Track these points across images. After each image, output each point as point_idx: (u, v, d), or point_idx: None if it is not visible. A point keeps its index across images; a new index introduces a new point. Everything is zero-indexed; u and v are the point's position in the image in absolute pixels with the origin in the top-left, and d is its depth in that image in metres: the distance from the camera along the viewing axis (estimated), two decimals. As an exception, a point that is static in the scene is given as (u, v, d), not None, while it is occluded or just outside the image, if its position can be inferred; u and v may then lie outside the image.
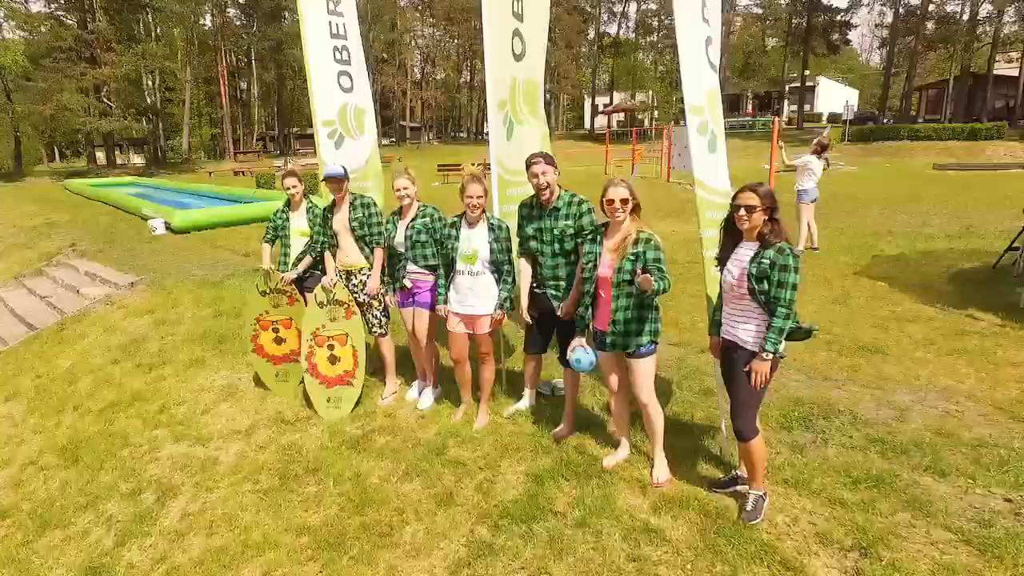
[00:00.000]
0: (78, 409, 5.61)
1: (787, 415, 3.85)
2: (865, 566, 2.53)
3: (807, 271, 7.58)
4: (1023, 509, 2.77)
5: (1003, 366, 4.44)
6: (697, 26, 3.60)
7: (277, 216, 5.01)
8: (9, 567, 3.80)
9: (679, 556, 2.77)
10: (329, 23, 5.73)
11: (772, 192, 2.85)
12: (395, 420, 4.38)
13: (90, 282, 9.78)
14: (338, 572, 3.12)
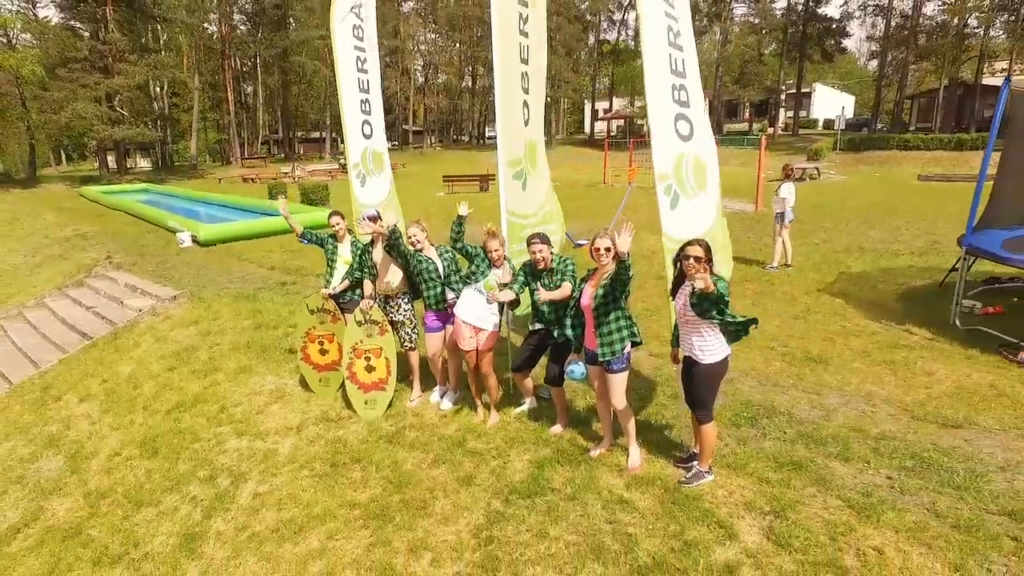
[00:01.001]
0: (147, 409, 6.58)
1: (738, 414, 4.82)
2: (776, 524, 3.49)
3: (781, 290, 8.57)
4: (896, 484, 3.73)
5: (919, 375, 5.41)
6: (668, 106, 4.55)
7: (326, 245, 5.98)
8: (117, 536, 4.77)
9: (644, 520, 3.74)
10: (358, 81, 6.71)
11: (709, 245, 3.81)
12: (422, 419, 5.35)
13: (131, 293, 10.74)
14: (385, 536, 4.08)
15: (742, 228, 13.37)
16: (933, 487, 3.68)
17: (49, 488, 5.64)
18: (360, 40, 6.66)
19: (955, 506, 3.48)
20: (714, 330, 3.72)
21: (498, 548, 3.75)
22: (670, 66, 4.48)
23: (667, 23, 4.50)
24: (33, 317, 11.01)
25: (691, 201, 4.46)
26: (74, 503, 5.34)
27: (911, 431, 4.40)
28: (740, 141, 41.15)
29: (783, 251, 9.74)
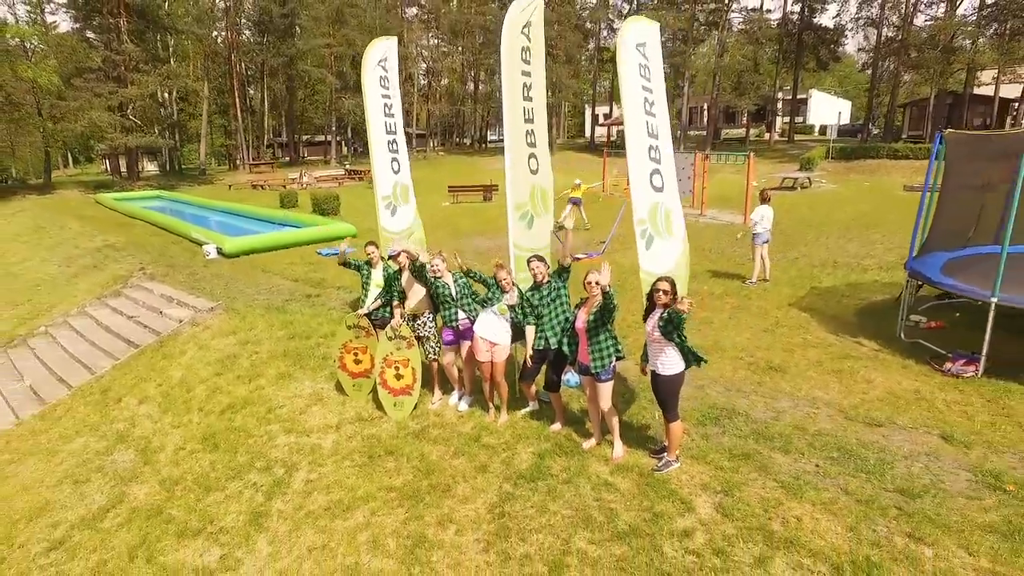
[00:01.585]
0: (202, 410, 7.62)
1: (704, 415, 5.84)
2: (724, 500, 4.52)
3: (756, 304, 9.59)
4: (821, 470, 4.76)
5: (860, 382, 6.43)
6: (645, 163, 5.57)
7: (362, 269, 7.00)
8: (194, 514, 5.80)
9: (623, 498, 4.77)
10: (385, 124, 7.75)
11: (675, 281, 4.84)
12: (443, 418, 6.38)
13: (168, 304, 11.77)
14: (418, 513, 5.11)
15: (728, 241, 14.37)
16: (849, 472, 4.71)
17: (127, 476, 6.68)
18: (386, 89, 7.70)
19: (862, 486, 4.51)
20: (674, 349, 4.74)
21: (508, 520, 4.78)
22: (647, 130, 5.52)
23: (644, 95, 5.54)
24: (78, 325, 12.05)
25: (663, 242, 5.48)
26: (151, 489, 6.38)
27: (842, 429, 5.43)
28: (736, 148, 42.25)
29: (761, 267, 10.74)
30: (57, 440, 7.96)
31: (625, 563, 4.18)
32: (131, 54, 35.72)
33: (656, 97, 5.62)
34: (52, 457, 7.56)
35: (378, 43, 7.87)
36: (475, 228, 17.93)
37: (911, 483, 4.51)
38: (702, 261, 12.63)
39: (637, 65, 5.50)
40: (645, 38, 5.69)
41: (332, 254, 14.58)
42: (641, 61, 5.54)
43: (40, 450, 7.85)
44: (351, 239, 6.98)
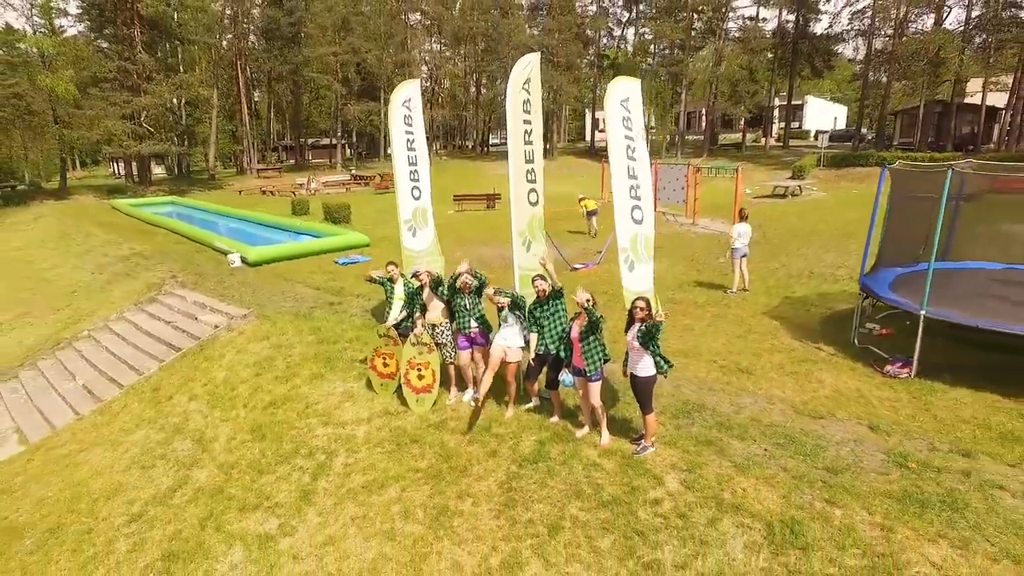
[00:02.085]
0: (247, 406, 8.75)
1: (679, 409, 6.97)
2: (687, 476, 5.64)
3: (733, 313, 10.72)
4: (768, 453, 5.88)
5: (812, 383, 7.56)
6: (627, 200, 6.69)
7: (385, 285, 8.14)
8: (251, 492, 6.93)
9: (608, 475, 5.90)
10: (407, 157, 8.89)
11: (650, 300, 5.96)
12: (458, 412, 7.51)
13: (201, 310, 12.90)
14: (440, 489, 6.24)
15: (716, 252, 15.42)
16: (789, 454, 5.84)
17: (188, 462, 7.82)
18: (409, 126, 8.84)
19: (798, 465, 5.64)
20: (649, 356, 5.87)
21: (515, 494, 5.92)
22: (628, 172, 6.65)
23: (626, 143, 6.68)
24: (119, 329, 13.21)
25: (642, 266, 6.61)
26: (211, 472, 7.52)
27: (790, 421, 6.56)
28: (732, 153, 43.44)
29: (740, 278, 11.85)
30: (119, 432, 9.11)
31: (608, 524, 5.32)
32: (145, 64, 36.93)
33: (637, 143, 6.74)
34: (117, 447, 8.71)
35: (404, 86, 9.02)
36: (479, 237, 19.02)
37: (837, 463, 5.63)
38: (689, 272, 13.77)
39: (621, 118, 6.64)
40: (628, 94, 6.82)
41: (349, 263, 15.73)
42: (624, 115, 6.67)
43: (105, 441, 9.01)
44: (378, 271, 8.12)
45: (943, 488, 5.13)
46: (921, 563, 4.34)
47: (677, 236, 18.89)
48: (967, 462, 5.57)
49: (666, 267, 14.28)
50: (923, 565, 4.32)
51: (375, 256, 16.65)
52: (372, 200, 31.52)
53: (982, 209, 9.83)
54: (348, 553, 5.77)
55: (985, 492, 5.05)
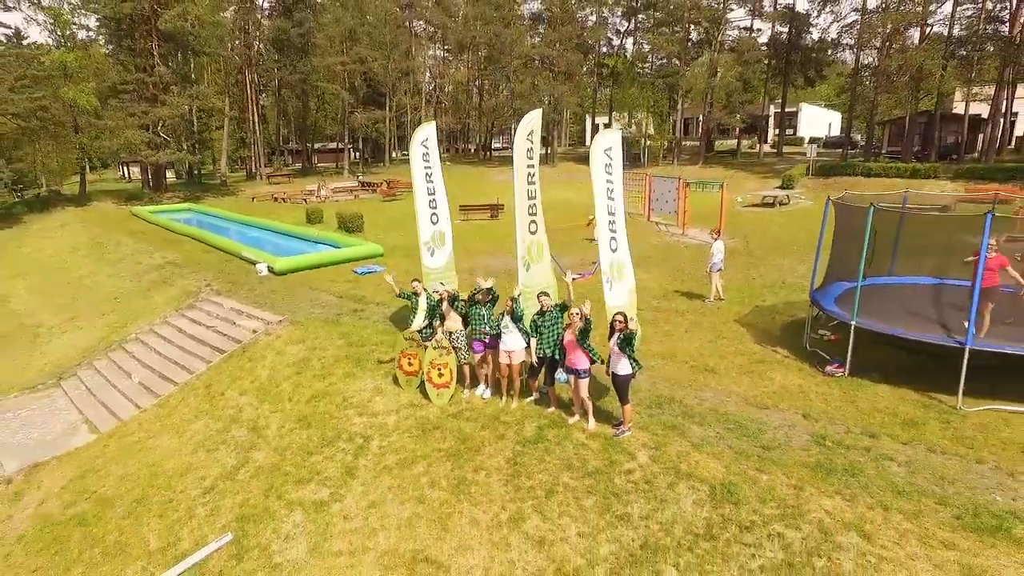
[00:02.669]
0: (291, 400, 10.32)
1: (652, 402, 8.53)
2: (653, 453, 7.21)
3: (708, 320, 12.26)
4: (720, 436, 7.44)
5: (764, 380, 9.12)
6: (607, 231, 8.24)
7: (410, 298, 9.71)
8: (303, 470, 8.50)
9: (593, 452, 7.46)
10: (427, 188, 10.46)
11: (627, 315, 7.52)
12: (472, 404, 9.08)
13: (238, 316, 14.47)
14: (460, 465, 7.81)
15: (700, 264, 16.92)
16: (736, 436, 7.40)
17: (247, 446, 9.40)
18: (427, 162, 10.42)
19: (741, 444, 7.20)
20: (625, 358, 7.43)
21: (519, 467, 7.48)
22: (607, 210, 8.21)
23: (607, 186, 8.24)
24: (165, 333, 14.79)
25: (619, 284, 8.18)
26: (267, 454, 9.10)
27: (741, 411, 8.12)
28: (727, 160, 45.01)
29: (717, 289, 13.40)
30: (180, 422, 10.70)
31: (591, 489, 6.89)
32: (162, 76, 38.54)
33: (615, 186, 8.30)
34: (182, 434, 10.30)
35: (423, 128, 10.60)
36: (484, 247, 20.55)
37: (771, 442, 7.19)
38: (674, 282, 15.34)
39: (604, 164, 8.20)
40: (611, 143, 8.38)
41: (367, 272, 17.29)
42: (607, 161, 8.24)
43: (169, 430, 10.60)
44: (394, 276, 9.70)
45: (847, 460, 6.69)
46: (817, 511, 5.90)
47: (667, 247, 20.44)
48: (871, 441, 7.13)
49: (654, 277, 15.85)
50: (819, 512, 5.88)
51: (389, 265, 18.23)
52: (381, 208, 33.10)
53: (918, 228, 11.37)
54: (388, 513, 7.34)
55: (879, 463, 6.62)
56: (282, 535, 7.45)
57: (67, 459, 10.51)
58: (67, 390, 13.45)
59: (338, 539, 7.20)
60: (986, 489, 6.10)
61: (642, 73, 46.91)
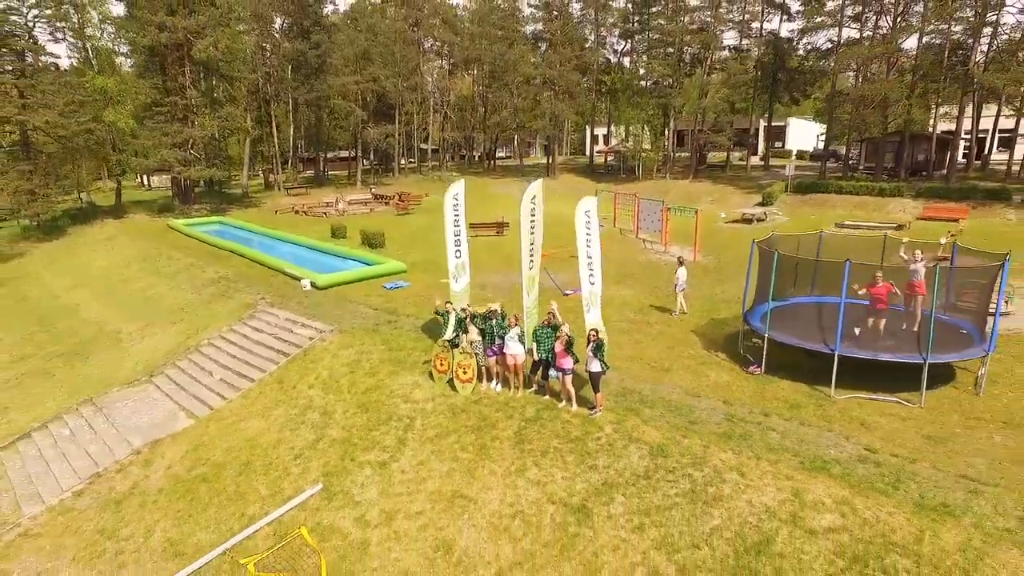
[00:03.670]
0: (350, 392, 13.59)
1: (619, 392, 11.80)
2: (617, 427, 10.47)
3: (672, 330, 15.53)
4: (663, 415, 10.69)
5: (703, 377, 12.38)
6: (587, 274, 11.50)
7: (443, 315, 13.01)
8: (367, 441, 11.78)
9: (574, 426, 10.73)
10: (454, 231, 13.76)
11: (598, 329, 10.80)
12: (488, 395, 12.35)
13: (293, 326, 17.76)
14: (480, 436, 11.10)
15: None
16: (673, 415, 10.67)
17: (321, 425, 12.70)
18: (456, 212, 13.74)
19: (675, 420, 10.47)
20: (597, 360, 10.69)
21: (523, 437, 10.76)
22: (587, 255, 11.49)
23: (587, 238, 11.51)
24: (233, 339, 18.08)
25: (595, 309, 11.47)
26: (337, 431, 12.39)
27: (681, 398, 11.39)
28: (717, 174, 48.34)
29: (681, 304, 16.65)
30: (263, 409, 14.00)
31: (572, 449, 10.16)
32: (193, 99, 41.94)
33: (593, 239, 11.55)
34: (266, 418, 13.60)
35: (455, 184, 13.94)
36: (492, 265, 23.77)
37: (696, 418, 10.46)
38: (650, 297, 18.61)
39: (584, 223, 11.47)
40: (590, 207, 11.65)
41: (395, 287, 20.59)
42: (587, 220, 11.51)
43: (256, 415, 13.90)
44: (450, 304, 12.98)
45: (744, 430, 9.96)
46: (715, 460, 9.16)
47: (650, 264, 23.72)
48: (764, 418, 10.40)
49: (635, 293, 19.14)
50: (716, 460, 9.14)
51: (412, 280, 21.55)
52: (396, 223, 36.35)
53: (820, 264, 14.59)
54: (432, 468, 10.64)
55: (763, 432, 9.89)
56: (358, 484, 10.76)
57: (179, 437, 13.83)
58: (159, 385, 16.77)
59: (398, 485, 10.51)
60: (826, 447, 9.35)
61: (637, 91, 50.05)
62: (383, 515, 10.06)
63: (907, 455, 9.07)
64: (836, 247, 14.93)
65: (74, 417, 15.84)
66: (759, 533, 7.92)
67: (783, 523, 7.93)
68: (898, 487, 8.19)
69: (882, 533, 7.46)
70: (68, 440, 14.86)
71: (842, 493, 8.13)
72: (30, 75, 37.71)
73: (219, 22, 41.12)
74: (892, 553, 7.20)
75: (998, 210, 30.62)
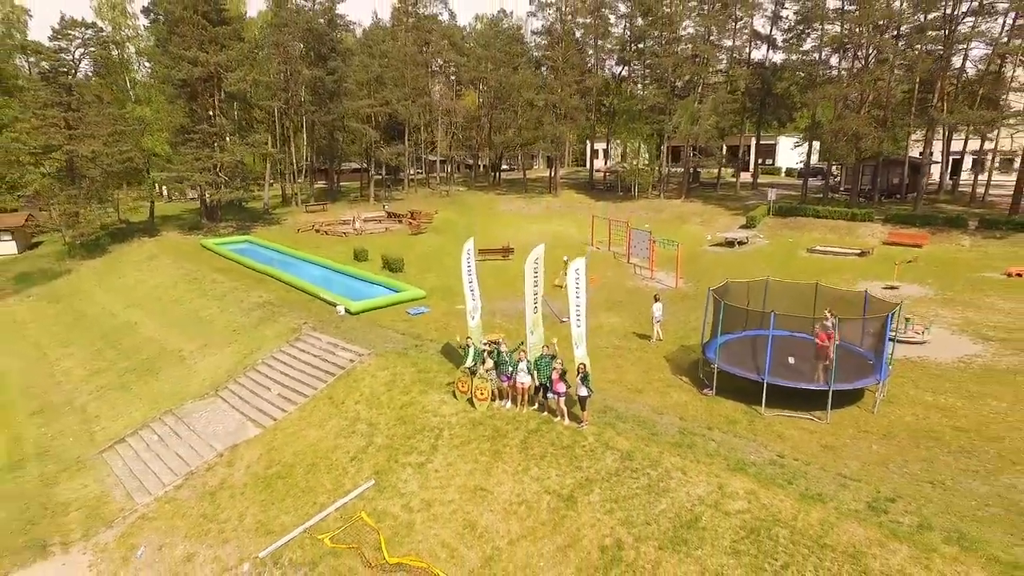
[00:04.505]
0: (390, 407, 17.08)
1: (601, 410, 15.25)
2: (597, 436, 13.92)
3: (648, 356, 19.00)
4: (631, 426, 14.15)
5: (667, 397, 15.85)
6: (575, 320, 14.96)
7: (465, 348, 16.53)
8: (406, 446, 15.25)
9: (566, 436, 14.19)
10: (468, 281, 17.29)
11: (585, 363, 14.29)
12: (500, 411, 15.82)
13: (335, 348, 21.25)
14: (495, 443, 14.59)
15: (656, 308, 23.59)
16: (640, 428, 14.13)
17: (368, 434, 16.21)
18: (469, 265, 17.22)
19: (642, 432, 13.93)
20: (585, 387, 14.16)
21: (527, 445, 14.25)
22: (575, 305, 14.99)
23: (576, 291, 15.01)
24: (284, 359, 21.59)
25: (582, 346, 14.95)
26: (382, 439, 15.90)
27: (647, 414, 14.84)
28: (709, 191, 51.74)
29: (657, 333, 20.10)
30: (319, 421, 17.50)
31: (564, 453, 13.63)
32: (223, 126, 45.54)
33: (580, 293, 15.00)
34: (323, 428, 17.11)
35: (469, 241, 17.41)
36: (499, 292, 27.16)
37: (659, 431, 13.90)
38: (634, 325, 22.08)
39: (575, 280, 14.94)
40: (579, 265, 15.11)
41: (417, 313, 24.08)
42: (577, 279, 14.96)
43: (312, 425, 17.41)
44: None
45: (691, 440, 13.42)
46: (667, 463, 12.62)
47: (637, 290, 27.20)
48: (707, 431, 13.86)
49: (621, 320, 22.62)
50: (668, 463, 12.60)
51: (431, 305, 25.05)
52: (411, 244, 39.85)
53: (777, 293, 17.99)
54: (458, 469, 14.14)
55: (705, 441, 13.35)
56: (402, 480, 14.26)
57: (252, 442, 17.36)
58: (225, 399, 20.30)
59: (433, 480, 14.01)
60: (748, 453, 12.79)
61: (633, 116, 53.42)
62: (423, 503, 13.56)
63: (804, 459, 12.53)
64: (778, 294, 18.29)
65: (159, 425, 19.41)
66: (691, 514, 11.39)
67: (708, 507, 11.40)
68: (792, 483, 11.64)
69: (772, 514, 10.91)
70: (159, 444, 18.44)
71: (752, 487, 11.59)
72: (76, 107, 41.32)
73: (247, 57, 44.73)
74: (776, 526, 10.66)
75: (955, 236, 33.95)
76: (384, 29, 68.21)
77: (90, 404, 22.03)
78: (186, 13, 43.03)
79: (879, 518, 10.47)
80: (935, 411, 14.73)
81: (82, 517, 15.74)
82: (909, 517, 10.46)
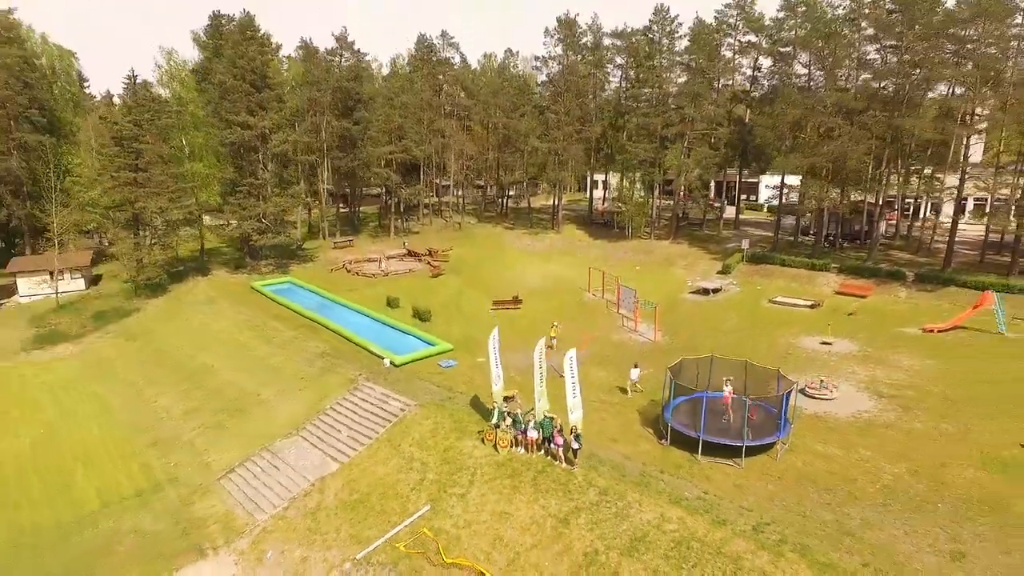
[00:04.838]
0: (435, 448, 23.46)
1: (587, 456, 21.64)
2: (584, 476, 20.29)
3: (626, 409, 25.47)
4: (606, 465, 20.55)
5: (635, 446, 22.22)
6: (570, 390, 21.33)
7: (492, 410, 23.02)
8: (451, 480, 21.68)
9: (563, 475, 20.61)
10: (494, 359, 23.79)
11: (577, 427, 20.74)
12: (517, 456, 22.22)
13: (388, 398, 27.66)
14: (514, 479, 21.05)
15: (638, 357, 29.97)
16: (613, 471, 20.54)
17: (422, 470, 22.67)
18: (495, 348, 23.63)
19: (613, 473, 20.39)
20: (578, 441, 20.59)
21: (536, 482, 20.68)
22: (571, 383, 21.46)
23: (569, 370, 21.48)
24: (347, 406, 28.02)
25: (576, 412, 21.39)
26: (432, 475, 22.34)
27: (619, 459, 21.23)
28: (695, 230, 58.09)
29: (634, 385, 26.46)
30: (384, 459, 23.96)
31: (560, 487, 20.05)
32: (266, 180, 52.13)
33: (575, 375, 21.40)
34: (387, 465, 23.58)
35: (492, 332, 23.78)
36: (510, 344, 33.33)
37: (626, 473, 20.24)
38: (618, 379, 28.49)
39: (570, 368, 21.35)
40: (571, 355, 21.53)
41: (448, 366, 30.52)
42: (571, 365, 21.37)
43: (379, 463, 23.87)
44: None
45: (646, 479, 19.81)
46: (630, 497, 19.00)
47: (622, 344, 33.62)
48: (659, 473, 20.23)
49: (607, 374, 29.05)
50: (630, 497, 18.98)
51: (458, 358, 31.48)
52: (433, 288, 46.27)
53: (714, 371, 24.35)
54: (489, 499, 20.59)
55: (656, 480, 19.74)
56: (450, 505, 20.70)
57: (335, 475, 23.82)
58: (305, 438, 26.78)
59: (471, 506, 20.45)
60: (684, 491, 19.13)
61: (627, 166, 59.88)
62: (465, 522, 19.98)
63: (720, 495, 18.91)
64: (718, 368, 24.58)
65: (259, 459, 25.91)
66: (642, 532, 17.77)
67: (653, 528, 17.79)
68: (708, 512, 18.01)
69: (692, 532, 17.29)
70: (263, 474, 24.94)
71: (682, 514, 17.97)
72: (144, 168, 47.92)
73: (288, 121, 51.31)
74: (694, 541, 17.03)
75: (894, 288, 40.21)
76: (402, 75, 74.77)
77: (196, 439, 28.52)
78: (236, 82, 49.69)
79: (757, 536, 16.86)
80: (819, 458, 21.11)
81: (220, 529, 22.24)
82: (775, 535, 16.85)
